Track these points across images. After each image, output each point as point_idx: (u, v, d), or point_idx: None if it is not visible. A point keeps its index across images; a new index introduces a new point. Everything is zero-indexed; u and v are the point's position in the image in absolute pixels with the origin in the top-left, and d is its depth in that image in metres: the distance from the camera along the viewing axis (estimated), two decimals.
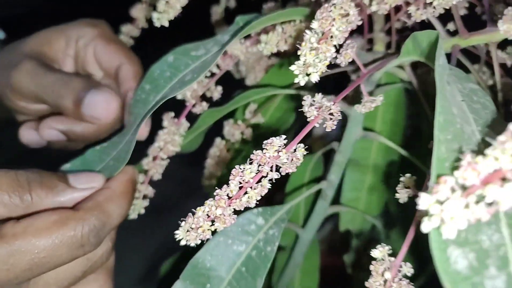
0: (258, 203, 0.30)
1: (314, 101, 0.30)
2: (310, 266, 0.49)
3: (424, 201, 0.19)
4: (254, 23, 0.34)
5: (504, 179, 0.19)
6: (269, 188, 0.30)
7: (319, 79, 0.28)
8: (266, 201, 0.45)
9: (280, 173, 0.29)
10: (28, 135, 0.40)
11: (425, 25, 0.37)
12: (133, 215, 0.42)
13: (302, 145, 0.30)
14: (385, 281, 0.27)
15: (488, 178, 0.19)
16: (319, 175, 0.48)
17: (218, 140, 0.48)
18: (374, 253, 0.28)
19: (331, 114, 0.30)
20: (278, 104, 0.49)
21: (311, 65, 0.28)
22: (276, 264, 0.52)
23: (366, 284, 0.28)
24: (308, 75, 0.28)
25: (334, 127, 0.30)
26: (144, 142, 0.43)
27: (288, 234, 0.50)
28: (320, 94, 0.31)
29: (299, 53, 0.28)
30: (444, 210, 0.18)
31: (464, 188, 0.19)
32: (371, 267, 0.28)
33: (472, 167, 0.19)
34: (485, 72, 0.41)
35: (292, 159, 0.29)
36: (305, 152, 0.30)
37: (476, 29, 0.34)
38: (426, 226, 0.19)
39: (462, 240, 0.20)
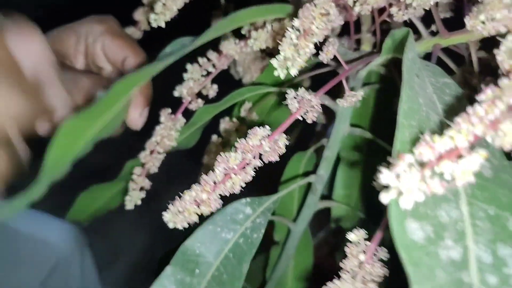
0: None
1: (297, 95, 0.32)
2: (303, 259, 0.50)
3: (384, 176, 0.20)
4: (239, 14, 0.35)
5: (460, 157, 0.20)
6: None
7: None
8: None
9: (263, 161, 0.31)
10: (44, 127, 0.43)
11: (411, 26, 0.38)
12: (129, 206, 0.44)
13: (284, 135, 0.31)
14: (360, 263, 0.29)
15: (445, 156, 0.20)
16: (311, 170, 0.50)
17: (214, 137, 0.50)
18: (350, 236, 0.29)
19: (312, 106, 0.31)
20: (274, 103, 0.51)
21: (289, 60, 0.29)
22: (270, 259, 0.53)
23: (341, 264, 0.29)
24: (287, 69, 0.30)
25: (314, 119, 0.32)
26: (142, 137, 0.45)
27: (282, 229, 0.52)
28: (303, 88, 0.32)
29: (280, 48, 0.30)
30: (401, 182, 0.20)
31: (422, 165, 0.21)
32: (346, 249, 0.29)
33: (428, 145, 0.20)
34: (472, 72, 0.43)
35: (274, 148, 0.31)
36: (287, 142, 0.32)
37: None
38: (384, 197, 0.20)
39: (420, 214, 0.21)
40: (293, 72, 0.30)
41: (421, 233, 0.20)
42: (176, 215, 0.32)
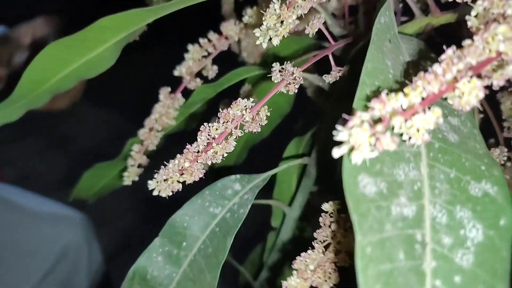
0: None
1: (282, 68, 0.32)
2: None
3: (338, 132, 0.20)
4: None
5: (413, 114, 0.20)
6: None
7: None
8: None
9: (243, 131, 0.32)
10: None
11: (406, 7, 0.38)
12: (127, 181, 0.45)
13: (266, 107, 0.32)
14: (334, 233, 0.29)
15: (399, 112, 0.20)
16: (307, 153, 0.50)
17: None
18: (324, 206, 0.29)
19: (294, 79, 0.32)
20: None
21: (271, 29, 0.30)
22: (267, 244, 0.53)
23: (314, 234, 0.29)
24: (270, 39, 0.30)
25: (295, 91, 0.32)
26: (142, 117, 0.46)
27: (279, 214, 0.52)
28: (289, 62, 0.33)
29: (263, 18, 0.30)
30: (352, 137, 0.20)
31: (377, 121, 0.21)
32: (320, 219, 0.29)
33: (380, 100, 0.20)
34: None
35: (255, 119, 0.31)
36: (268, 113, 0.32)
37: None
38: (335, 152, 0.20)
39: (376, 171, 0.21)
40: (275, 42, 0.30)
41: (373, 188, 0.20)
42: (161, 183, 0.32)
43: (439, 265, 0.19)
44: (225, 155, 0.32)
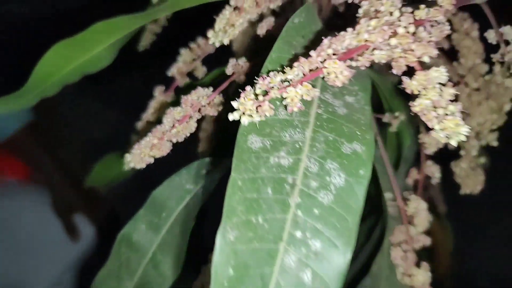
0: None
1: (237, 62, 0.39)
2: None
3: (235, 103, 0.27)
4: None
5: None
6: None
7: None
8: None
9: (202, 115, 0.38)
10: None
11: None
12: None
13: (221, 95, 0.39)
14: None
15: (279, 87, 0.26)
16: None
17: None
18: None
19: (243, 71, 0.38)
20: None
21: (221, 31, 0.37)
22: None
23: None
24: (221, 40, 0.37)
25: (243, 81, 0.38)
26: (139, 111, 0.54)
27: None
28: (243, 58, 0.39)
29: (215, 21, 0.37)
30: (241, 105, 0.26)
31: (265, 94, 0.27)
32: None
33: (262, 77, 0.26)
34: None
35: (212, 105, 0.38)
36: (222, 100, 0.39)
37: None
38: (230, 116, 0.26)
39: (265, 133, 0.27)
40: (226, 42, 0.37)
41: (259, 144, 0.27)
42: (135, 157, 0.40)
43: (303, 201, 0.25)
44: (188, 134, 0.39)
